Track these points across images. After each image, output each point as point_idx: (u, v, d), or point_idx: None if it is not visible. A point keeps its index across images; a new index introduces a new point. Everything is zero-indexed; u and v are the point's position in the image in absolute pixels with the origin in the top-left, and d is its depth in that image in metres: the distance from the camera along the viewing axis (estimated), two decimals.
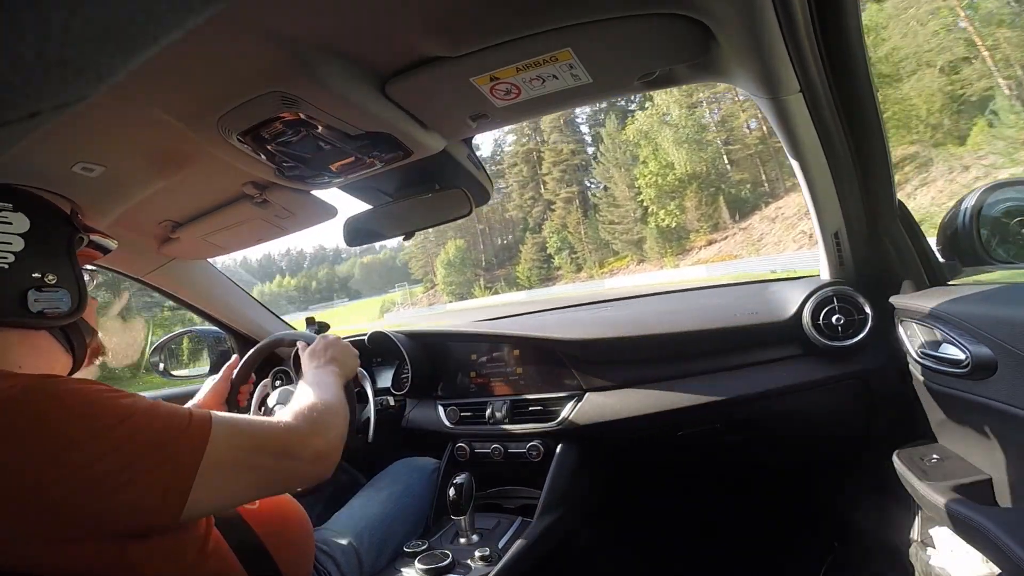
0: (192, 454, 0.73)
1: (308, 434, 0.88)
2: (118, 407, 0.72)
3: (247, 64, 0.81)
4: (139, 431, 0.71)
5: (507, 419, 1.56)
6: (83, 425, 0.69)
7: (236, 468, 0.78)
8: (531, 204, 55.85)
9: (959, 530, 1.10)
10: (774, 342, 1.38)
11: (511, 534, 1.32)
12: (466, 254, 59.46)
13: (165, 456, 0.71)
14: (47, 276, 0.84)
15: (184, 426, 0.75)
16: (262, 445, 0.81)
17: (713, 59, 0.92)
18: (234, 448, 0.78)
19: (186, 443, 0.73)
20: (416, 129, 1.06)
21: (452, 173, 1.34)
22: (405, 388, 1.75)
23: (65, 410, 0.69)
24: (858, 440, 1.51)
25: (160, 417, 0.74)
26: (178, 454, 0.72)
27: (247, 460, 0.79)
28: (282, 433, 0.85)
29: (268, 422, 0.86)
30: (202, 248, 1.58)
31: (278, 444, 0.83)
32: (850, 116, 1.01)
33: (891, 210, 1.17)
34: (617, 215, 42.86)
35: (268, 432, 0.84)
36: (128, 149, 1.05)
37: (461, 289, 58.40)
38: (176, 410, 0.77)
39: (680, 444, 1.49)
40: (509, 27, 0.82)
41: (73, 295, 0.88)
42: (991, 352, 0.91)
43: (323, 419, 0.92)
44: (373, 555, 1.19)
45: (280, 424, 0.87)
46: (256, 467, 0.80)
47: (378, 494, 1.37)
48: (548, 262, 52.26)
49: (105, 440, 0.69)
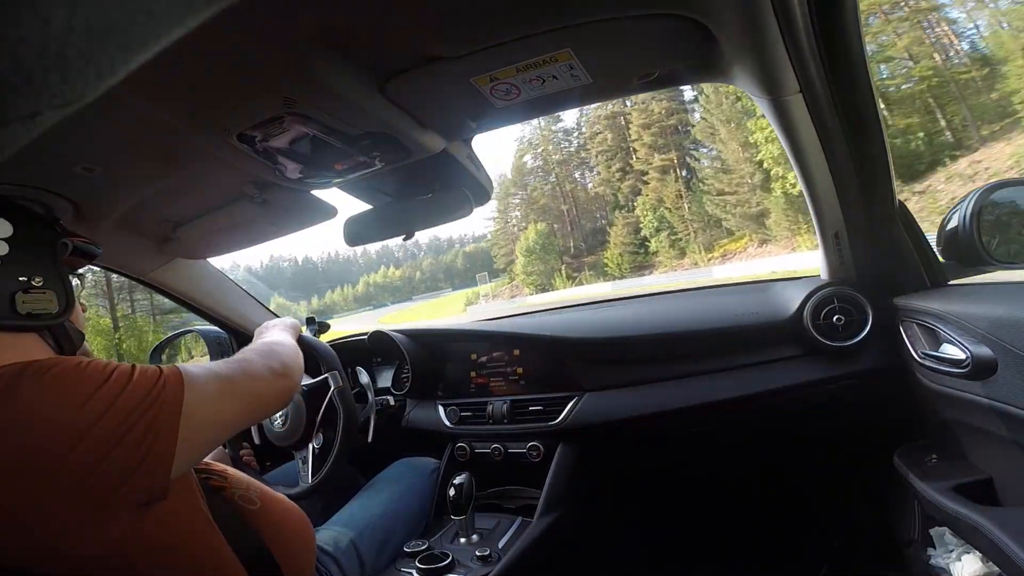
0: (171, 414, 0.76)
1: (271, 356, 0.99)
2: (95, 374, 0.74)
3: (247, 65, 0.81)
4: (118, 394, 0.73)
5: (507, 419, 1.56)
6: (67, 398, 0.71)
7: (214, 407, 0.82)
8: (620, 178, 45.79)
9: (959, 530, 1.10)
10: (774, 342, 1.38)
11: (511, 534, 1.32)
12: (548, 239, 50.26)
13: (145, 419, 0.73)
14: (34, 279, 0.85)
15: (159, 385, 0.77)
16: (232, 378, 0.88)
17: (713, 59, 0.92)
18: (209, 393, 0.82)
19: (163, 404, 0.76)
20: (416, 129, 1.06)
21: (452, 173, 1.34)
22: (405, 388, 1.75)
23: (46, 386, 0.71)
24: (858, 440, 1.51)
25: (135, 380, 0.76)
26: (157, 417, 0.74)
27: (221, 399, 0.84)
28: (247, 364, 0.94)
29: (232, 360, 0.95)
30: (202, 248, 1.58)
31: (246, 372, 0.92)
32: (850, 116, 1.01)
33: (891, 210, 1.17)
34: (728, 183, 33.51)
35: (235, 367, 0.91)
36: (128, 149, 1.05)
37: (542, 279, 49.47)
38: (147, 370, 0.79)
39: (680, 444, 1.50)
40: (509, 27, 0.82)
41: (60, 297, 0.89)
42: (991, 352, 0.91)
43: (278, 352, 1.03)
44: (373, 555, 1.19)
45: (242, 358, 0.96)
46: (232, 398, 0.86)
47: (378, 494, 1.37)
48: (643, 246, 42.46)
49: (89, 408, 0.71)
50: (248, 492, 1.06)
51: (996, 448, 1.03)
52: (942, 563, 1.14)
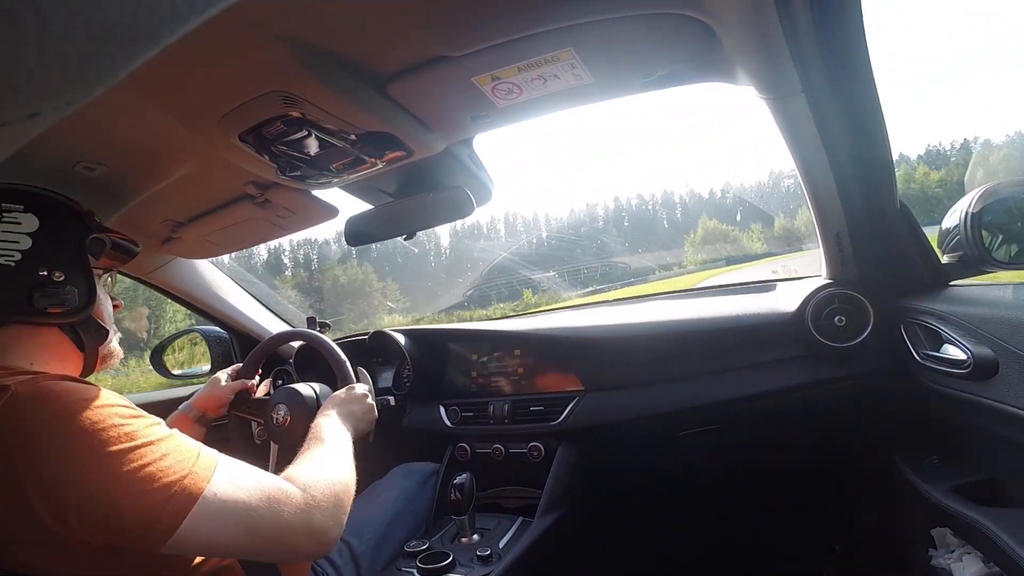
0: (186, 500, 0.70)
1: (312, 509, 0.80)
2: (124, 434, 0.70)
3: (248, 64, 0.81)
4: (139, 462, 0.69)
5: (508, 419, 1.56)
6: (83, 441, 0.68)
7: (230, 524, 0.72)
8: None
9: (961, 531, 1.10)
10: (775, 343, 1.38)
11: (512, 534, 1.32)
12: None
13: (157, 496, 0.68)
14: (54, 274, 0.85)
15: (188, 466, 0.72)
16: (260, 508, 0.75)
17: (715, 59, 0.92)
18: (232, 503, 0.73)
19: (181, 487, 0.70)
20: (417, 129, 1.06)
21: (453, 173, 1.34)
22: (406, 388, 1.75)
23: (66, 421, 0.69)
24: (859, 441, 1.51)
25: (165, 454, 0.72)
26: (171, 496, 0.69)
27: (243, 520, 0.73)
28: (286, 504, 0.77)
29: (275, 483, 0.79)
30: (203, 247, 1.58)
31: (277, 514, 0.76)
32: (852, 116, 1.01)
33: (893, 211, 1.17)
34: None
35: (272, 496, 0.76)
36: (129, 148, 1.05)
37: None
38: (185, 448, 0.74)
39: (681, 445, 1.49)
40: (511, 27, 0.82)
41: (81, 293, 0.88)
42: (993, 353, 0.91)
43: (336, 496, 0.85)
44: (369, 557, 1.19)
45: (289, 492, 0.79)
46: (249, 530, 0.74)
47: (376, 499, 1.37)
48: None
49: (102, 463, 0.68)
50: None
51: (997, 449, 1.03)
52: (943, 564, 1.14)
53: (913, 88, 64.83)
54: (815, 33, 0.83)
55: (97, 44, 0.17)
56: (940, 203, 24.84)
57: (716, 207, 37.63)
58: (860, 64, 0.91)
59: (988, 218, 1.02)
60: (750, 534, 1.76)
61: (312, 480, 0.84)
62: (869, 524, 1.59)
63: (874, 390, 1.31)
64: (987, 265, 1.04)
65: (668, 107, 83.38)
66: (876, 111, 1.00)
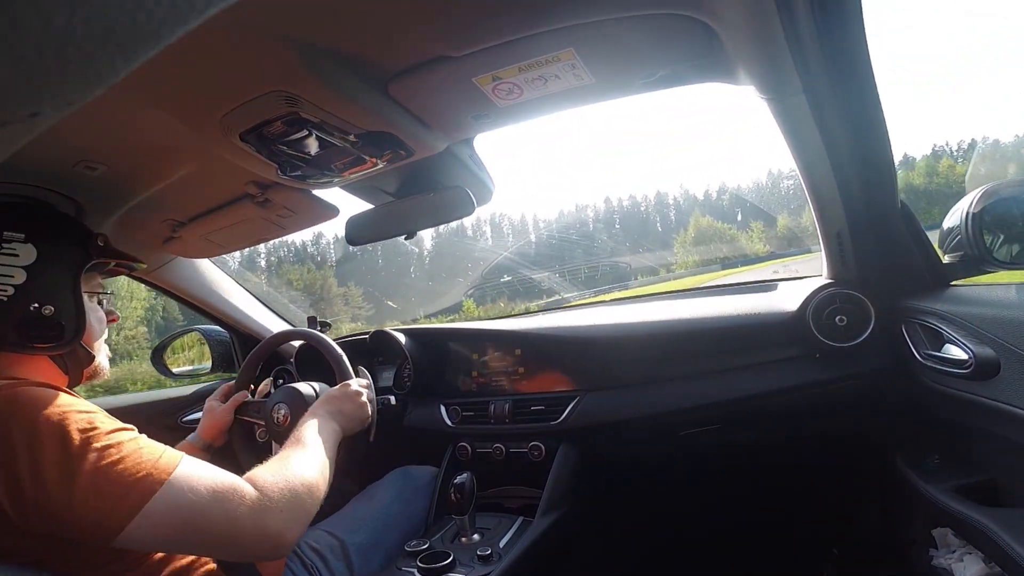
0: (138, 497, 0.73)
1: (266, 511, 0.81)
2: (88, 436, 0.75)
3: (249, 63, 0.81)
4: (98, 462, 0.73)
5: (509, 419, 1.56)
6: (49, 440, 0.73)
7: (178, 523, 0.75)
8: None
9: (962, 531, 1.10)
10: (776, 343, 1.38)
11: (512, 534, 1.32)
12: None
13: (110, 493, 0.72)
14: (45, 308, 0.88)
15: (147, 467, 0.76)
16: (211, 509, 0.77)
17: (716, 60, 0.92)
18: (184, 503, 0.75)
19: (136, 485, 0.73)
20: (418, 128, 1.06)
21: (454, 172, 1.34)
22: (407, 388, 1.75)
23: (36, 422, 0.74)
24: (860, 441, 1.51)
25: (125, 455, 0.76)
26: (124, 494, 0.72)
27: (192, 519, 0.75)
28: (238, 504, 0.79)
29: (230, 482, 0.81)
30: (204, 247, 1.58)
31: (228, 514, 0.78)
32: (853, 116, 1.01)
33: (894, 210, 1.17)
34: None
35: (224, 496, 0.78)
36: (130, 148, 1.05)
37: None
38: (147, 451, 0.78)
39: (681, 444, 1.49)
40: (512, 27, 0.82)
41: (70, 327, 0.91)
42: (994, 353, 0.90)
43: (296, 498, 0.85)
44: (361, 555, 1.19)
45: (243, 493, 0.80)
46: (199, 529, 0.76)
47: (372, 499, 1.37)
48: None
49: (64, 460, 0.72)
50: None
51: (999, 449, 1.03)
52: (944, 564, 1.14)
53: (919, 87, 65.16)
54: (816, 33, 0.83)
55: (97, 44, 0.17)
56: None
57: (712, 207, 36.94)
58: (861, 64, 0.91)
59: (989, 218, 1.02)
60: (751, 534, 1.76)
61: (272, 480, 0.84)
62: (870, 524, 1.59)
63: (875, 390, 1.31)
64: (988, 265, 1.04)
65: (664, 107, 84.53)
66: (877, 111, 1.00)
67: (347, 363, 1.40)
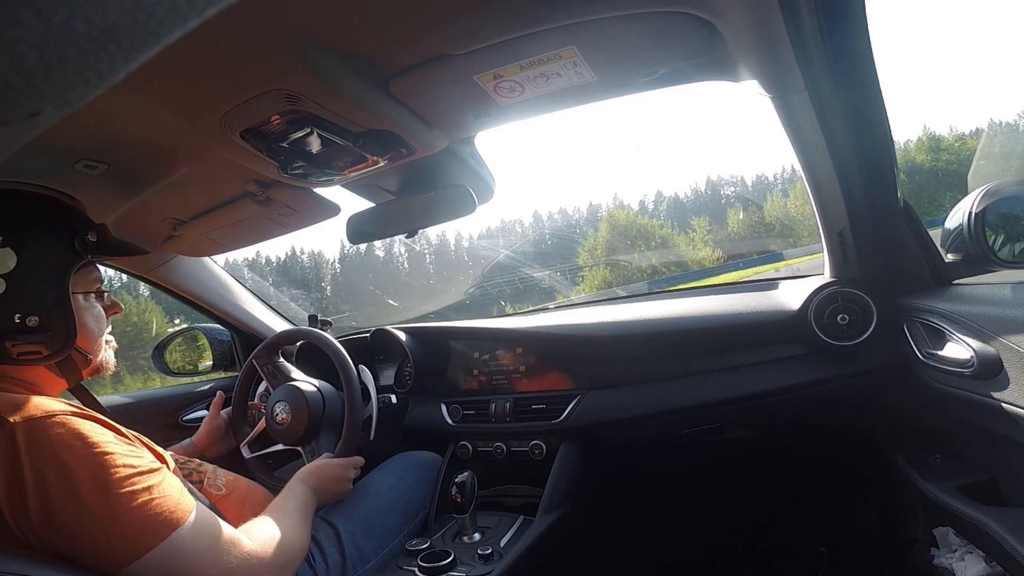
0: (158, 531, 0.78)
1: (257, 566, 0.89)
2: (117, 466, 0.78)
3: (251, 62, 0.81)
4: (119, 499, 0.76)
5: (510, 417, 1.56)
6: (80, 473, 0.75)
7: (177, 566, 0.80)
8: None
9: (963, 530, 1.10)
10: (778, 341, 1.37)
11: (513, 532, 1.32)
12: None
13: (133, 520, 0.76)
14: (29, 319, 0.82)
15: (171, 504, 0.81)
16: (209, 557, 0.83)
17: (718, 57, 0.92)
18: (188, 549, 0.80)
19: (157, 518, 0.78)
20: (419, 127, 1.06)
21: (455, 171, 1.34)
22: (408, 386, 1.75)
23: (62, 453, 0.75)
24: (862, 439, 1.51)
25: (152, 485, 0.80)
26: (145, 527, 0.77)
27: (192, 565, 0.81)
28: (235, 556, 0.86)
29: (232, 540, 0.87)
30: (204, 245, 1.58)
31: (223, 565, 0.84)
32: (855, 115, 1.00)
33: (896, 209, 1.16)
34: None
35: (224, 548, 0.85)
36: (131, 146, 1.05)
37: None
38: (169, 486, 0.83)
39: (683, 443, 1.49)
40: (513, 25, 0.82)
41: (58, 335, 0.86)
42: (996, 352, 0.90)
43: (285, 556, 0.95)
44: (354, 543, 1.19)
45: (240, 546, 0.88)
46: (202, 572, 0.82)
47: (369, 486, 1.37)
48: None
49: (80, 494, 0.74)
50: (215, 479, 1.14)
51: (1000, 448, 1.02)
52: (946, 563, 1.14)
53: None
54: (819, 31, 0.83)
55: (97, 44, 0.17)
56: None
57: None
58: (864, 62, 0.91)
59: (992, 217, 1.02)
60: (752, 532, 1.77)
61: (266, 538, 0.94)
62: (871, 523, 1.59)
63: (876, 389, 1.31)
64: (990, 264, 1.03)
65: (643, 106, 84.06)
66: (879, 109, 1.00)
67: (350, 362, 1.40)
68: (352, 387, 1.40)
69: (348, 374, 1.39)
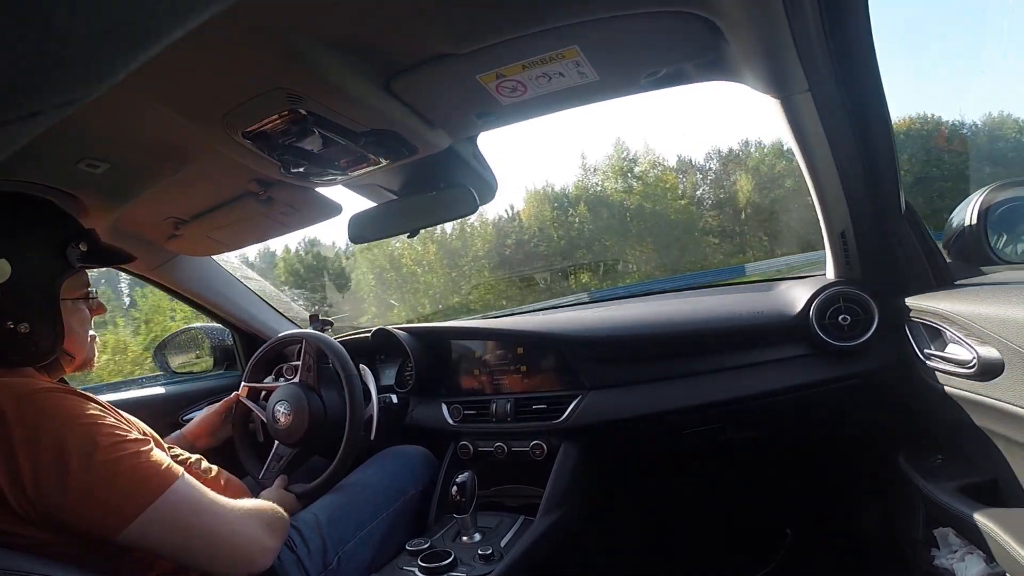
0: (145, 495, 0.81)
1: (245, 534, 0.93)
2: (107, 434, 0.82)
3: (252, 61, 0.81)
4: (106, 466, 0.80)
5: (511, 417, 1.56)
6: (69, 442, 0.78)
7: (169, 531, 0.84)
8: None
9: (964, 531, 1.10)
10: (779, 341, 1.37)
11: (513, 533, 1.32)
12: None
13: (122, 490, 0.80)
14: (20, 326, 0.86)
15: (159, 468, 0.85)
16: (198, 526, 0.87)
17: (721, 57, 0.92)
18: (174, 516, 0.84)
19: (145, 484, 0.82)
20: (421, 126, 1.06)
21: (457, 171, 1.34)
22: (408, 386, 1.75)
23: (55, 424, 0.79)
24: (863, 440, 1.50)
25: (139, 451, 0.84)
26: (131, 491, 0.80)
27: (181, 532, 0.85)
28: (224, 525, 0.91)
29: (224, 501, 0.93)
30: (206, 245, 1.58)
31: (212, 531, 0.89)
32: (857, 115, 1.00)
33: (897, 209, 1.16)
34: None
35: (214, 508, 0.90)
36: (132, 146, 1.05)
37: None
38: (156, 453, 0.87)
39: (684, 443, 1.49)
40: (516, 24, 0.82)
41: (46, 342, 0.91)
42: (998, 353, 0.90)
43: (265, 522, 1.00)
44: (332, 527, 1.20)
45: (234, 505, 0.94)
46: (185, 542, 0.86)
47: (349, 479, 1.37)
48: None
49: (72, 461, 0.77)
50: (198, 466, 1.17)
51: (1001, 449, 1.02)
52: (946, 564, 1.14)
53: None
54: (822, 32, 0.83)
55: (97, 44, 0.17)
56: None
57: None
58: (867, 63, 0.90)
59: (994, 217, 1.02)
60: (753, 533, 1.76)
61: (254, 503, 1.02)
62: (871, 523, 1.59)
63: (878, 389, 1.31)
64: (993, 263, 1.03)
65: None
66: (882, 110, 0.99)
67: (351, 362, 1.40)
68: (353, 387, 1.40)
69: (349, 374, 1.39)
